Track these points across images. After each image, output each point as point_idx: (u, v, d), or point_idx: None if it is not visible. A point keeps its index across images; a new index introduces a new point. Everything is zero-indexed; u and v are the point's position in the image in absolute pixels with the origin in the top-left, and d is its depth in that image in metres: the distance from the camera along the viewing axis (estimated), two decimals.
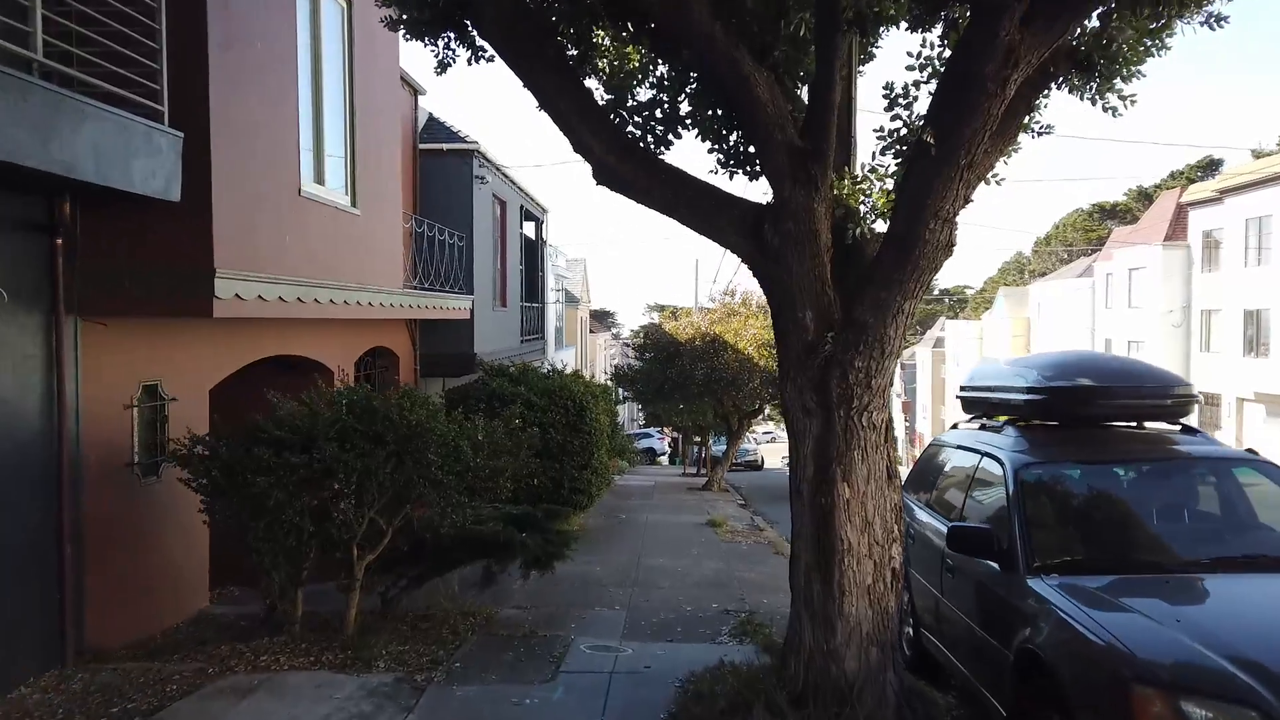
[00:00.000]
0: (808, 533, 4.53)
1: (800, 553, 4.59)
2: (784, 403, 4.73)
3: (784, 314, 4.58)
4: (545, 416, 13.34)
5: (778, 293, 4.59)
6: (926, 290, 4.29)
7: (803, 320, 4.48)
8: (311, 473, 6.13)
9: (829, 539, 4.39)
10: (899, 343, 4.38)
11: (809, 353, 4.46)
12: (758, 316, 21.22)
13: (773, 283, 4.62)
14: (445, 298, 13.01)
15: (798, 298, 4.48)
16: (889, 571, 4.46)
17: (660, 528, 13.95)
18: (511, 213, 17.97)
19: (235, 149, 6.69)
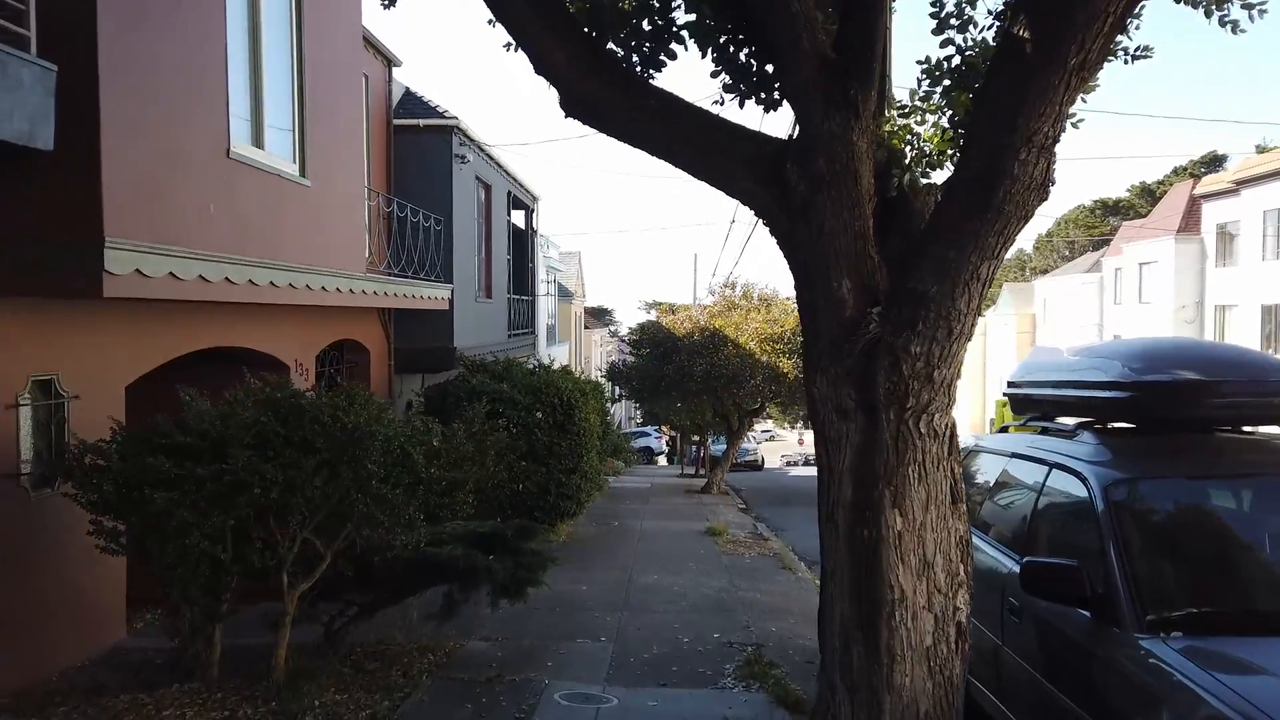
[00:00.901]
0: (844, 575, 3.39)
1: (833, 601, 3.45)
2: (811, 402, 3.59)
3: (813, 284, 3.44)
4: (530, 416, 12.21)
5: (804, 255, 3.46)
6: (1009, 248, 3.15)
7: (838, 292, 3.35)
8: (222, 487, 4.99)
9: (875, 585, 3.25)
10: (971, 321, 3.25)
11: (847, 335, 3.33)
12: (759, 310, 20.08)
13: (797, 242, 3.48)
14: (420, 286, 11.86)
15: (832, 262, 3.34)
16: (953, 628, 3.33)
17: (656, 537, 12.80)
18: (497, 198, 16.82)
19: (136, 93, 5.53)
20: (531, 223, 21.32)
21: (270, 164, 7.44)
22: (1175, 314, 35.80)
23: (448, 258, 13.29)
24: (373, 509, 5.36)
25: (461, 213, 13.91)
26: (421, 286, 11.88)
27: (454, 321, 13.46)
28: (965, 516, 3.40)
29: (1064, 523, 4.41)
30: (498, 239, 16.93)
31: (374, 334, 12.56)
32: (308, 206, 8.26)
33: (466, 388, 12.46)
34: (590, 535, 12.80)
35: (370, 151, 12.29)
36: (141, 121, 5.60)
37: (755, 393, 18.90)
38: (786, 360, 18.54)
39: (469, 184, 14.50)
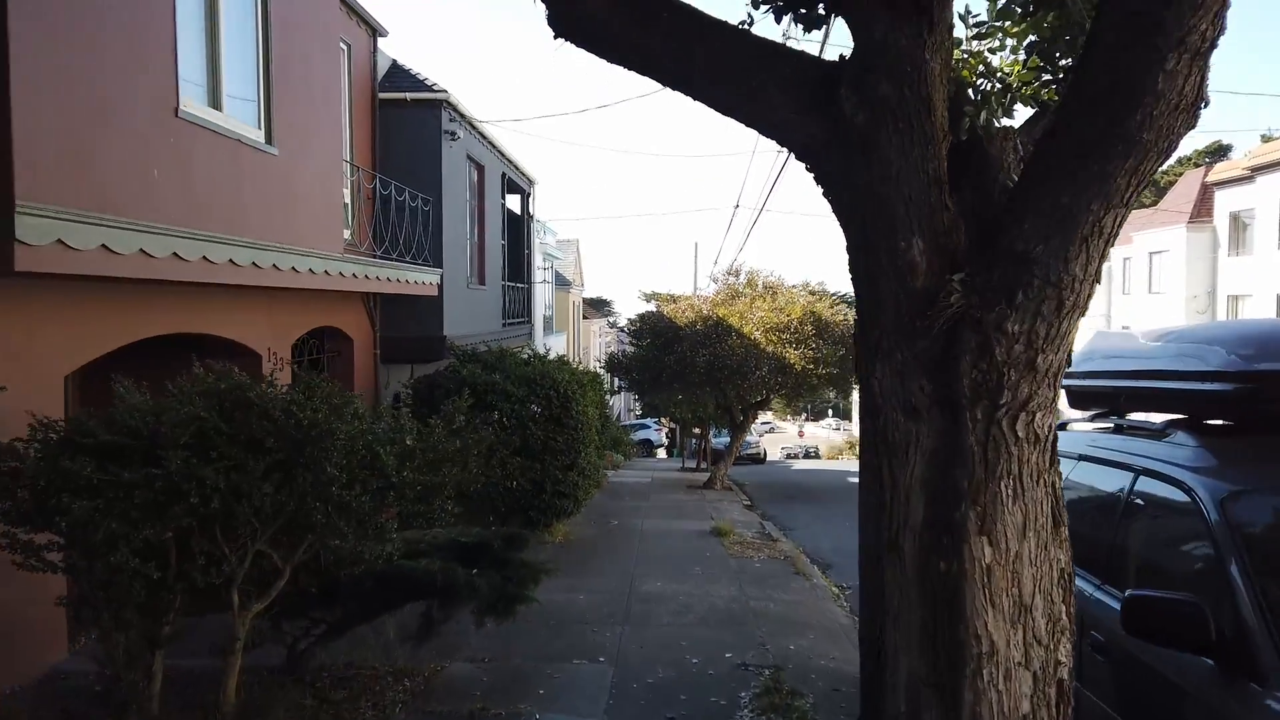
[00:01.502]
0: (912, 620, 2.63)
1: (896, 654, 2.69)
2: (868, 396, 2.83)
3: (872, 245, 2.67)
4: (524, 409, 11.46)
5: (861, 207, 2.69)
6: (1141, 192, 2.38)
7: (907, 253, 2.58)
8: (154, 494, 4.23)
9: (955, 634, 2.50)
10: (1089, 291, 2.49)
11: (919, 310, 2.56)
12: (764, 298, 19.31)
13: (852, 190, 2.72)
14: (407, 270, 11.09)
15: (899, 214, 2.58)
16: (1054, 688, 2.57)
17: (658, 538, 12.07)
18: (491, 179, 16.02)
19: (59, 38, 4.76)
20: (527, 207, 20.53)
21: (229, 128, 6.66)
22: (1187, 304, 35.06)
23: (437, 241, 12.52)
24: (334, 519, 4.60)
25: (452, 193, 13.13)
26: (408, 270, 11.11)
27: (444, 309, 12.70)
28: (1068, 545, 2.65)
29: (1161, 543, 3.67)
30: (491, 223, 16.15)
31: (358, 322, 11.80)
32: (275, 178, 7.49)
33: (456, 379, 11.72)
34: (588, 536, 12.06)
35: (352, 126, 11.51)
36: (66, 70, 4.83)
37: (761, 384, 18.15)
38: (793, 351, 17.79)
39: (460, 163, 13.71)
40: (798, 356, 17.66)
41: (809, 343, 17.89)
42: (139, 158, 5.49)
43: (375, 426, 4.96)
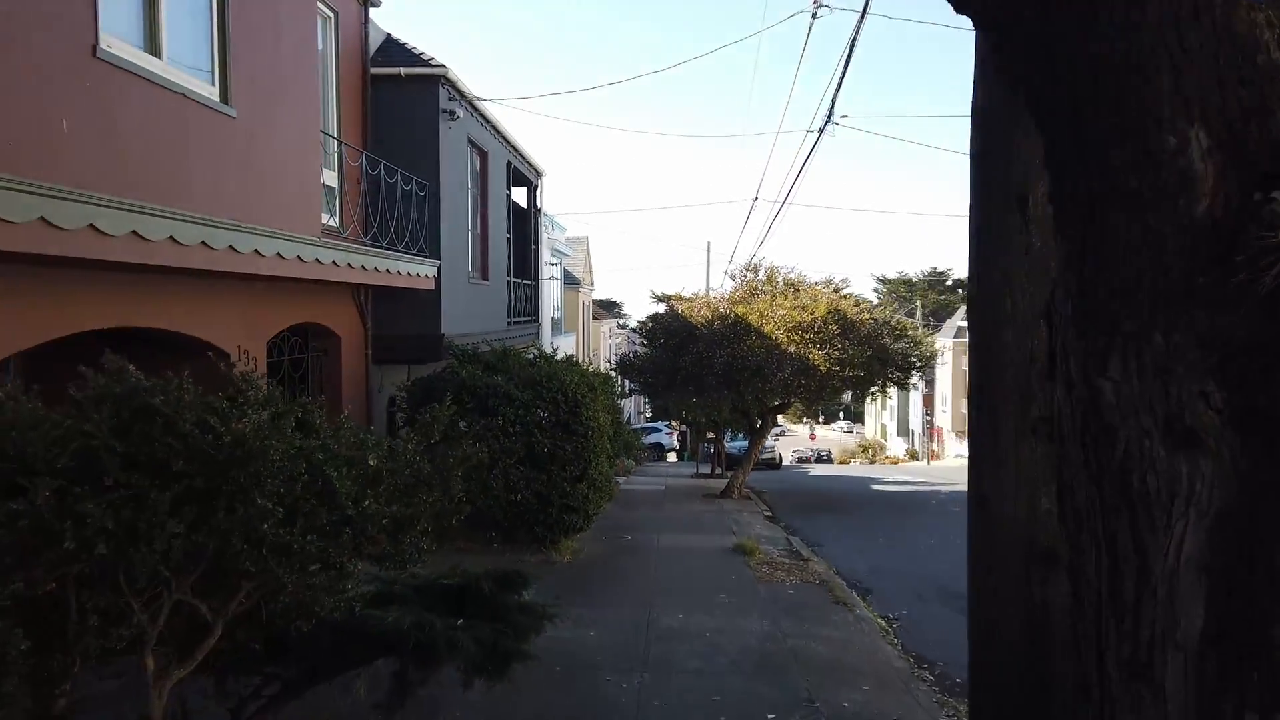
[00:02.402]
0: None
1: None
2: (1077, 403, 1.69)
3: (1108, 140, 1.54)
4: (529, 414, 10.39)
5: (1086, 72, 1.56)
6: None
7: (1181, 158, 1.45)
8: (18, 534, 3.15)
9: None
10: None
11: (1207, 254, 1.43)
12: (785, 296, 18.18)
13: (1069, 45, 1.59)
14: (399, 260, 10.00)
15: (1161, 85, 1.45)
16: None
17: (675, 556, 10.95)
18: (495, 167, 14.94)
19: None
20: (535, 200, 19.45)
21: (172, 79, 5.57)
22: None
23: (434, 229, 11.44)
24: (269, 564, 3.50)
25: (451, 179, 12.05)
26: (401, 261, 10.02)
27: (442, 304, 11.61)
28: None
29: None
30: (495, 214, 15.07)
31: (346, 318, 10.72)
32: (234, 145, 6.41)
33: (455, 381, 10.65)
34: (599, 554, 10.95)
35: (340, 101, 10.44)
36: None
37: (782, 387, 17.00)
38: (817, 351, 16.65)
39: (460, 146, 12.63)
40: (822, 357, 16.52)
41: (834, 343, 16.76)
42: (39, 103, 4.41)
43: (329, 443, 3.85)
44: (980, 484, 3.29)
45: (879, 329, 17.82)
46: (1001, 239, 3.09)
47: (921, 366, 18.80)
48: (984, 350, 3.26)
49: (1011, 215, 3.03)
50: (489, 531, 11.02)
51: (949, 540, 13.05)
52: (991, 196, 3.13)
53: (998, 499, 3.17)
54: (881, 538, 13.42)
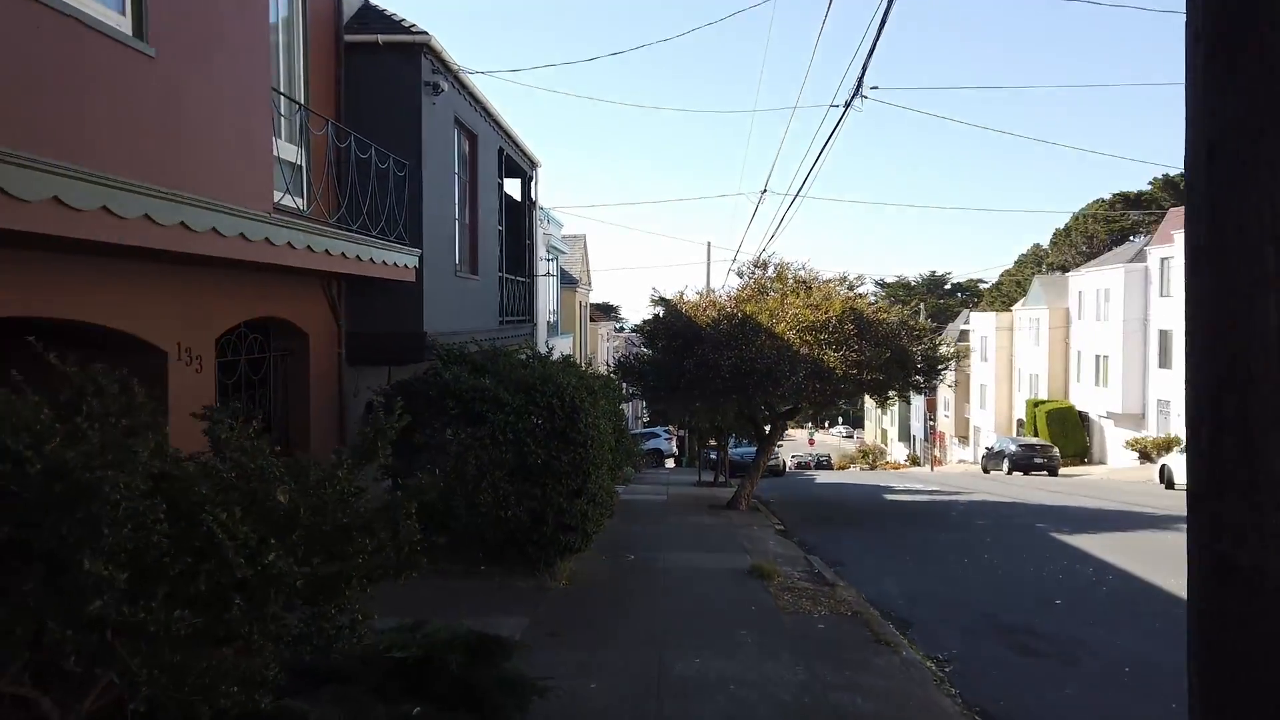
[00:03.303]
0: None
1: None
2: None
3: None
4: (521, 421, 9.22)
5: None
6: None
7: None
8: None
9: None
10: None
11: None
12: (797, 294, 17.04)
13: None
14: (374, 247, 8.83)
15: None
16: None
17: (685, 580, 9.78)
18: (485, 153, 13.78)
19: None
20: (530, 193, 18.29)
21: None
22: None
23: (415, 215, 10.27)
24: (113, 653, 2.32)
25: (435, 161, 10.88)
26: (376, 248, 8.84)
27: (424, 299, 10.44)
28: None
29: None
30: (486, 204, 13.90)
31: (315, 313, 9.55)
32: (152, 92, 5.24)
33: (437, 384, 9.48)
34: (599, 577, 9.78)
35: (309, 70, 9.28)
36: None
37: (796, 391, 15.83)
38: (832, 353, 15.51)
39: (446, 126, 11.47)
40: (838, 360, 15.38)
41: (850, 344, 15.61)
42: None
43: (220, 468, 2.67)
44: (1225, 538, 2.08)
45: (897, 329, 16.68)
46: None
47: (943, 370, 17.67)
48: (1220, 327, 2.11)
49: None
50: (476, 552, 9.85)
51: (981, 559, 11.88)
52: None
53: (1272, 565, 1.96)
54: (908, 556, 12.25)
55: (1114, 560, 11.47)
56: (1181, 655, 2.04)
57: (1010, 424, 53.85)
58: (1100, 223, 71.52)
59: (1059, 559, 11.73)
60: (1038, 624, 8.28)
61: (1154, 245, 40.58)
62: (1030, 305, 53.32)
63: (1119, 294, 41.18)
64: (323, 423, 9.69)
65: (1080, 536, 13.77)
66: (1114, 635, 7.89)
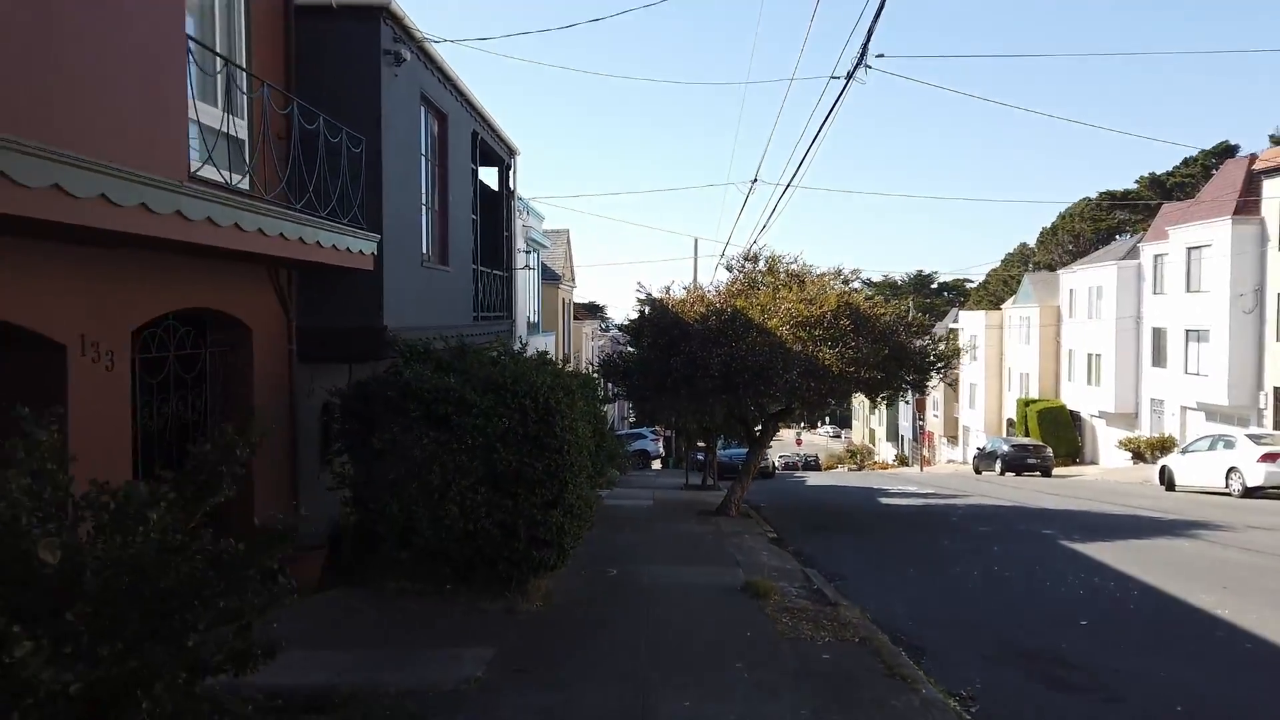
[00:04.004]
0: None
1: None
2: None
3: None
4: (490, 424, 8.32)
5: None
6: None
7: None
8: None
9: None
10: None
11: None
12: (789, 288, 16.16)
13: None
14: (325, 230, 7.87)
15: None
16: None
17: (672, 600, 8.87)
18: (457, 135, 12.83)
19: None
20: (508, 182, 17.33)
21: None
22: (1233, 303, 32.04)
23: (375, 197, 9.31)
24: None
25: (399, 139, 9.93)
26: (325, 230, 7.88)
27: (384, 289, 9.50)
28: None
29: None
30: (458, 191, 12.95)
31: (260, 304, 8.59)
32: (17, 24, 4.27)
33: (397, 384, 8.54)
34: (577, 596, 8.86)
35: (252, 32, 8.31)
36: None
37: (789, 390, 14.95)
38: (828, 349, 14.65)
39: (410, 102, 10.51)
40: (834, 357, 14.51)
41: (847, 340, 14.75)
42: None
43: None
44: None
45: (895, 325, 15.84)
46: None
47: (943, 367, 16.84)
48: None
49: None
50: (443, 569, 8.92)
51: (990, 571, 11.04)
52: None
53: None
54: (912, 568, 11.38)
55: (1134, 572, 10.63)
56: (1233, 687, 1.34)
57: (1000, 424, 53.25)
58: (1087, 221, 71.24)
59: (1075, 571, 10.89)
60: (1065, 649, 7.41)
61: (1147, 242, 40.00)
62: (1020, 303, 52.75)
63: (1111, 291, 40.59)
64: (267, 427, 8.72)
65: (1093, 545, 12.95)
66: (1153, 663, 7.03)
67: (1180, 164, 68.19)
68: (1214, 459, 22.56)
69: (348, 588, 8.85)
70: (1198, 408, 34.31)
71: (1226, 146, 63.44)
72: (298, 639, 7.19)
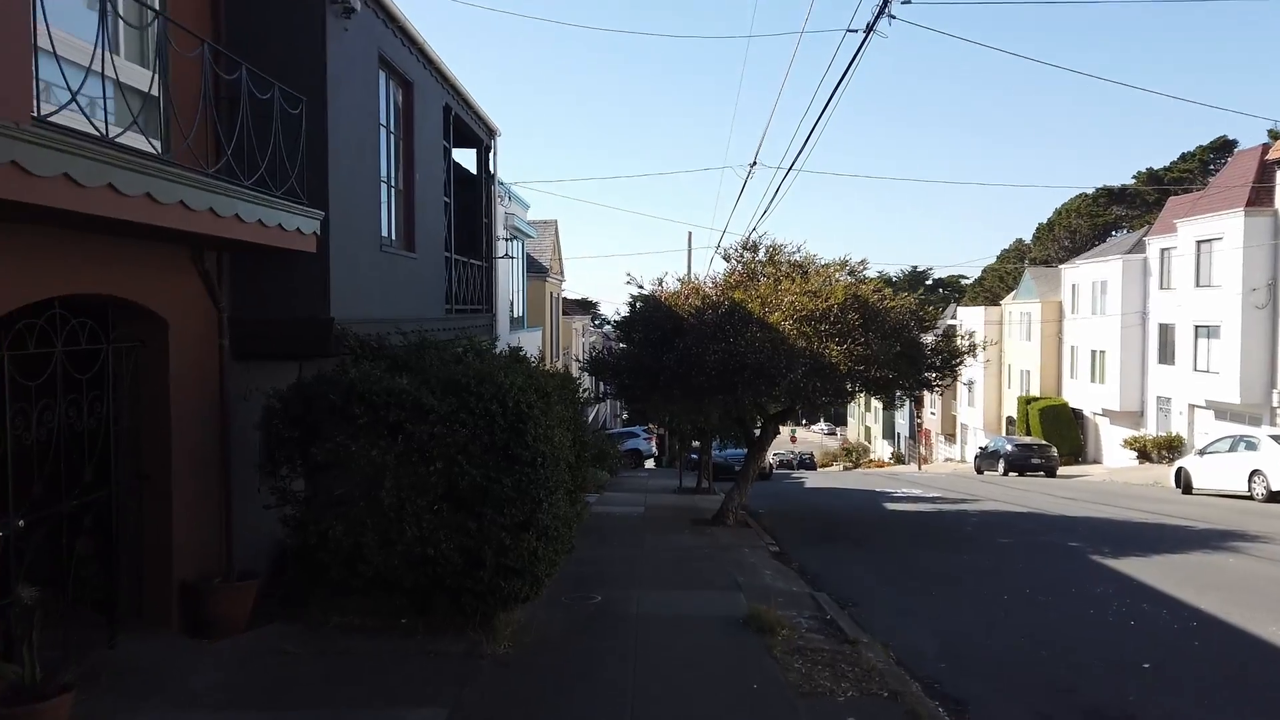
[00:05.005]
0: None
1: None
2: None
3: None
4: (450, 433, 7.07)
5: None
6: None
7: None
8: None
9: None
10: None
11: None
12: (792, 279, 14.91)
13: None
14: (242, 199, 6.56)
15: None
16: None
17: (664, 639, 7.62)
18: (426, 108, 11.53)
19: None
20: (487, 164, 16.02)
21: None
22: (1245, 297, 30.93)
23: (319, 167, 8.02)
24: None
25: (349, 102, 8.64)
26: (248, 201, 6.58)
27: (332, 275, 8.20)
28: None
29: None
30: (428, 169, 11.65)
31: (179, 291, 7.30)
32: None
33: (341, 386, 7.27)
34: (552, 635, 7.60)
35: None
36: None
37: (793, 390, 13.70)
38: (835, 346, 13.40)
39: (365, 63, 9.22)
40: (842, 354, 13.27)
41: (855, 335, 13.51)
42: None
43: None
44: None
45: (907, 320, 14.60)
46: None
47: (957, 364, 15.61)
48: None
49: None
50: (398, 601, 7.67)
51: (1022, 594, 9.80)
52: None
53: None
54: (934, 589, 10.16)
55: (1186, 597, 9.43)
56: None
57: (1000, 422, 52.16)
58: (1084, 218, 70.32)
59: (1118, 594, 9.68)
60: (1135, 705, 6.18)
61: (1153, 235, 38.87)
62: (1021, 299, 51.63)
63: (1116, 286, 39.47)
64: (192, 436, 7.44)
65: (1127, 560, 11.74)
66: None
67: (1178, 159, 67.39)
68: (1235, 461, 21.43)
69: (286, 624, 7.58)
70: (1207, 406, 33.22)
71: (1225, 141, 62.59)
72: (210, 695, 5.92)
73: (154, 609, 7.18)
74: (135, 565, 7.17)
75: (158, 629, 7.09)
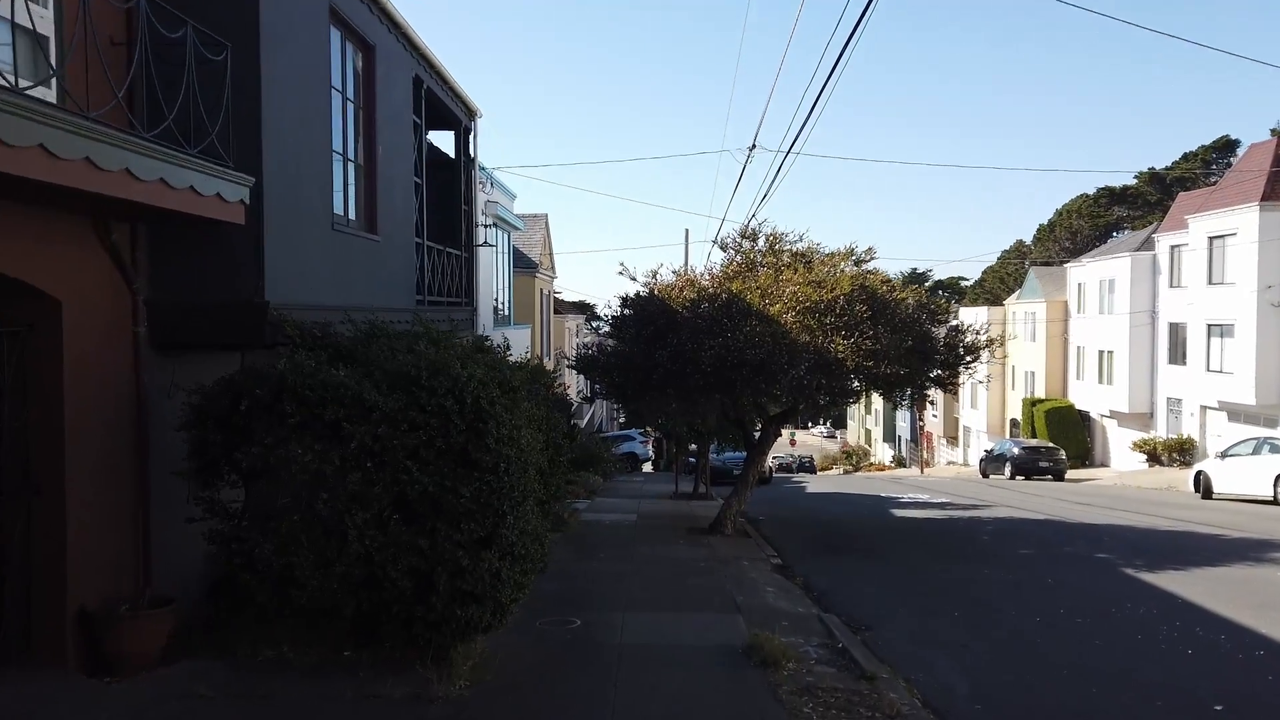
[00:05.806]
0: None
1: None
2: None
3: None
4: (398, 435, 5.98)
5: None
6: None
7: None
8: None
9: None
10: None
11: None
12: (794, 269, 13.82)
13: None
14: (139, 154, 5.46)
15: None
16: None
17: (650, 677, 6.52)
18: (392, 76, 10.45)
19: None
20: (467, 147, 14.96)
21: None
22: (1260, 295, 29.86)
23: (249, 126, 6.93)
24: None
25: (291, 58, 7.56)
26: (144, 157, 5.48)
27: (267, 254, 7.12)
28: None
29: None
30: (394, 143, 10.57)
31: (78, 267, 6.20)
32: None
33: (272, 381, 6.17)
34: (519, 671, 6.49)
35: None
36: None
37: (796, 388, 12.61)
38: (842, 340, 12.32)
39: (314, 17, 8.14)
40: (849, 348, 12.19)
41: (863, 329, 12.42)
42: None
43: None
44: None
45: (918, 313, 13.53)
46: None
47: (973, 361, 14.51)
48: None
49: None
50: (337, 632, 6.58)
51: (1056, 615, 8.70)
52: None
53: None
54: (955, 610, 9.06)
55: (1242, 619, 8.36)
56: None
57: (1003, 424, 51.07)
58: (1085, 218, 69.42)
59: (1164, 616, 8.59)
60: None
61: (1162, 232, 37.83)
62: (1025, 299, 50.58)
63: (1125, 285, 38.40)
64: (95, 438, 6.34)
65: (1165, 575, 10.65)
66: None
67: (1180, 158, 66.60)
68: (1259, 464, 20.38)
69: (209, 660, 6.47)
70: (1219, 407, 32.16)
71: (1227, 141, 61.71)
72: None
73: (45, 642, 6.08)
74: (23, 590, 6.07)
75: (49, 666, 6.00)
